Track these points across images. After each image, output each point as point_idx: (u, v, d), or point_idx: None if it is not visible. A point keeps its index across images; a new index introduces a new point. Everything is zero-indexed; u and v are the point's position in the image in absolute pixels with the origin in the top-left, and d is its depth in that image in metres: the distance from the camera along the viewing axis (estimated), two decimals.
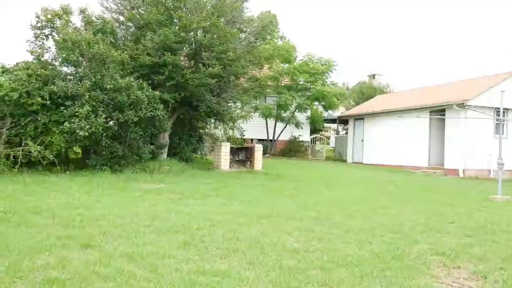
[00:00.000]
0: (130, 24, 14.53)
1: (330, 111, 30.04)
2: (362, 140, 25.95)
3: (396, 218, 7.62)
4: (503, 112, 13.75)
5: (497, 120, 16.97)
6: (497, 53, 75.46)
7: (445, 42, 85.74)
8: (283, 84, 25.59)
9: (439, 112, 20.77)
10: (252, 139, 25.03)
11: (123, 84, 11.59)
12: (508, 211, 9.22)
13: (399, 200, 10.06)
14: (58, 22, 12.53)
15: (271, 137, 26.27)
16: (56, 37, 12.37)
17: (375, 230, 6.53)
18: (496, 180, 12.36)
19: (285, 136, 26.66)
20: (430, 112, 21.12)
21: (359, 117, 26.65)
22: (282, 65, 25.88)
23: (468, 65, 73.22)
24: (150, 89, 12.47)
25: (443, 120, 20.31)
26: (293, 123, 25.81)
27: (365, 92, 37.46)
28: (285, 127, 25.95)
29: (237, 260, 4.69)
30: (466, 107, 18.94)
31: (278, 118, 25.58)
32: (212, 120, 16.38)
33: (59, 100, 11.32)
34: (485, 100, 18.85)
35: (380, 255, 5.17)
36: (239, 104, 19.67)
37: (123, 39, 14.27)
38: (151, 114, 12.14)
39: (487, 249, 5.71)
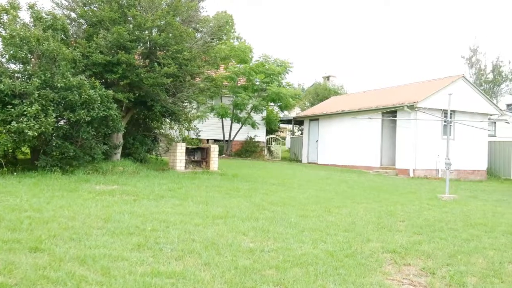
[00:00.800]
0: (82, 21, 14.12)
1: (285, 112, 30.35)
2: (317, 141, 26.35)
3: (349, 217, 7.78)
4: (451, 114, 14.31)
5: (445, 121, 17.66)
6: (446, 57, 78.53)
7: (397, 46, 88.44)
8: (239, 84, 25.63)
9: (390, 113, 21.40)
10: (208, 140, 24.93)
11: (74, 83, 11.25)
12: (455, 209, 9.61)
13: (352, 199, 10.28)
14: (5, 18, 12.03)
15: (227, 138, 26.24)
16: (3, 33, 11.87)
17: (329, 229, 6.65)
18: (444, 179, 12.86)
19: (241, 137, 26.71)
20: (382, 113, 21.73)
21: (314, 118, 27.05)
22: (238, 65, 25.92)
23: (419, 68, 75.85)
24: (103, 88, 12.18)
25: (395, 121, 20.93)
26: (249, 124, 25.89)
27: (320, 93, 38.09)
28: (241, 127, 25.99)
29: (193, 261, 4.66)
30: (416, 109, 19.61)
31: (234, 119, 25.59)
32: (168, 120, 16.19)
33: (6, 98, 10.84)
34: (434, 102, 19.58)
35: (334, 253, 5.27)
36: (194, 104, 19.53)
37: (74, 36, 13.85)
38: (104, 114, 11.86)
39: (435, 246, 5.93)
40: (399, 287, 4.34)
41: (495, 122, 28.05)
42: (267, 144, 29.33)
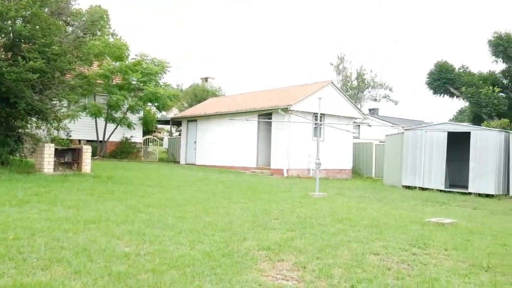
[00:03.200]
0: None
1: (163, 113, 29.90)
2: (195, 142, 26.36)
3: (226, 217, 7.90)
4: (320, 117, 15.25)
5: (315, 124, 18.79)
6: (318, 63, 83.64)
7: (273, 50, 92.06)
8: (114, 83, 24.62)
9: (266, 115, 22.20)
10: (80, 140, 23.55)
11: None
12: (324, 206, 10.26)
13: (229, 199, 10.45)
14: None
15: (101, 138, 25.06)
16: None
17: (206, 229, 6.68)
18: (315, 178, 13.69)
19: (116, 137, 25.67)
20: (259, 115, 22.45)
21: (192, 119, 27.02)
22: (114, 63, 24.89)
23: (294, 72, 79.80)
24: None
25: (270, 123, 21.75)
26: (125, 124, 24.99)
27: (198, 95, 38.17)
28: (116, 127, 24.99)
29: (62, 270, 4.37)
30: (290, 112, 20.58)
31: (109, 119, 24.53)
32: (34, 119, 14.97)
33: None
34: (306, 106, 20.74)
35: (211, 254, 5.31)
36: (65, 103, 18.33)
37: None
38: None
39: (306, 242, 6.28)
40: (273, 282, 4.51)
41: (359, 125, 30.56)
42: (144, 145, 28.63)
